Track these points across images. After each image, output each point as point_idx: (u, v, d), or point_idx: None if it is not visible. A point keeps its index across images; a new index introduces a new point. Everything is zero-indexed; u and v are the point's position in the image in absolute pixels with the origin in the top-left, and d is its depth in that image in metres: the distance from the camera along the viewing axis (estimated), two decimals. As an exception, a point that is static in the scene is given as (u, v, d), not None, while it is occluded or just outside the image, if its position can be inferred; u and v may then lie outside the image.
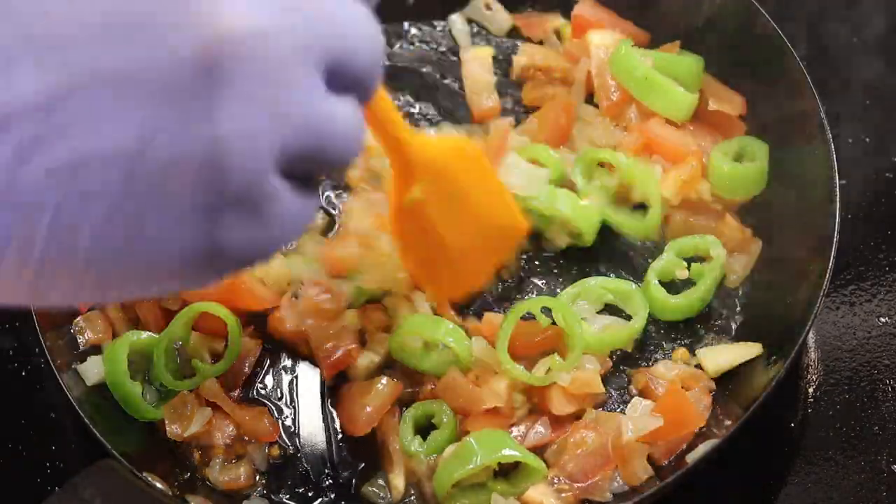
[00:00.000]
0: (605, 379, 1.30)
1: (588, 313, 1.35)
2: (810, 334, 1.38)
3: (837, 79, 1.58)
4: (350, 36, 0.72)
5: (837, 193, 1.27)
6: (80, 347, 1.32)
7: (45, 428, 1.36)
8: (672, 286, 1.37)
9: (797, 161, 1.35)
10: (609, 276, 1.39)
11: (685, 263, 1.37)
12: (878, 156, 1.56)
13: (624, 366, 1.34)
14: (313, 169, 0.73)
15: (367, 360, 1.32)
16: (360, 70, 0.74)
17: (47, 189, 0.60)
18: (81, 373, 1.29)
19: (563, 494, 1.21)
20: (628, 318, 1.36)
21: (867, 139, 1.56)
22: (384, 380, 1.30)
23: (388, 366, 1.33)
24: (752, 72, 1.44)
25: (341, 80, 0.72)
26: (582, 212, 1.39)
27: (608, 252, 1.42)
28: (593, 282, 1.37)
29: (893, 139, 1.58)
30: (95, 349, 1.32)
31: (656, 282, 1.36)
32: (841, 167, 1.28)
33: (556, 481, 1.21)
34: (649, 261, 1.39)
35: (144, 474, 1.16)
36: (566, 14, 1.59)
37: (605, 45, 1.49)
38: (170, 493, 1.17)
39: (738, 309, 1.37)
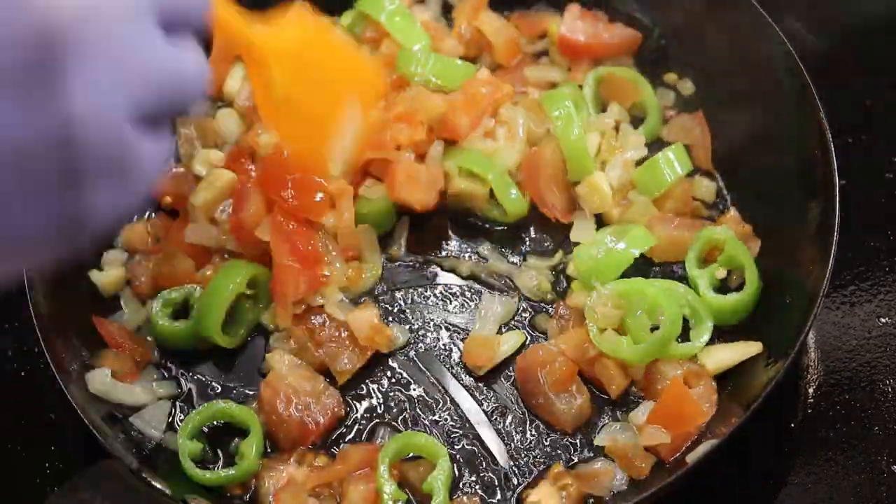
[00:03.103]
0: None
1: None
2: (810, 334, 1.38)
3: (837, 79, 1.57)
4: None
5: (837, 193, 1.27)
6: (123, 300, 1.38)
7: (45, 428, 1.36)
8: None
9: (797, 161, 1.35)
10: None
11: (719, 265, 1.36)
12: (878, 156, 1.56)
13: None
14: (164, 111, 0.75)
15: None
16: (188, 6, 0.76)
17: None
18: (88, 381, 1.28)
19: (566, 492, 1.21)
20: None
21: (867, 139, 1.56)
22: None
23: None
24: (752, 70, 1.44)
25: (172, 19, 0.74)
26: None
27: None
28: (681, 288, 1.33)
29: (893, 139, 1.58)
30: (103, 345, 1.33)
31: (711, 291, 1.33)
32: (841, 167, 1.28)
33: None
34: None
35: (144, 474, 1.16)
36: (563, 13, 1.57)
37: None
38: (169, 493, 1.16)
39: (738, 309, 1.37)
